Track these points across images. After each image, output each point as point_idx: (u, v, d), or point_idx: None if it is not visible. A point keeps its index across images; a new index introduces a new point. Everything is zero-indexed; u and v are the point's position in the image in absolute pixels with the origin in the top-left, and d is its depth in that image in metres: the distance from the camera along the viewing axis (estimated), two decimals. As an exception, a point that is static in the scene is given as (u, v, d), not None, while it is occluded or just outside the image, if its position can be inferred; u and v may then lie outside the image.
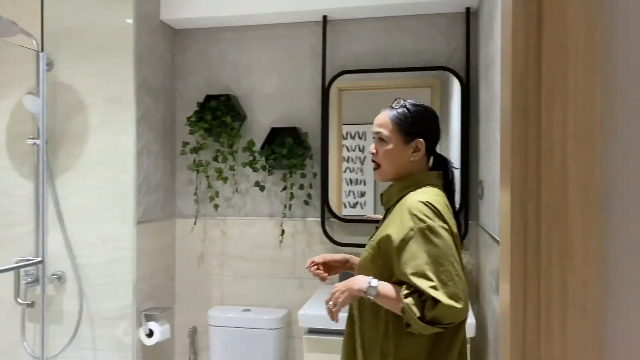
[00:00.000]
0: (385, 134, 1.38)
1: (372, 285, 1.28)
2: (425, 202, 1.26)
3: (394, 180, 1.41)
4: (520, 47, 0.47)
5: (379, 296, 1.27)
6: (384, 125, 1.38)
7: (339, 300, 1.33)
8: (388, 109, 1.40)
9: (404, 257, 1.24)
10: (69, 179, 2.29)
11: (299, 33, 2.48)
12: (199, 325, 2.57)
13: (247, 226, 2.52)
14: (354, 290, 1.31)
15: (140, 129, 2.29)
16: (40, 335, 2.29)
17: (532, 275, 0.49)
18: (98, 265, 2.26)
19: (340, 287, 1.34)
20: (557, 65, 0.47)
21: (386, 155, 1.38)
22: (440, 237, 1.23)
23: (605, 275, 0.48)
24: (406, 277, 1.23)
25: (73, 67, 2.28)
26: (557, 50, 0.47)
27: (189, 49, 2.59)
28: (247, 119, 2.52)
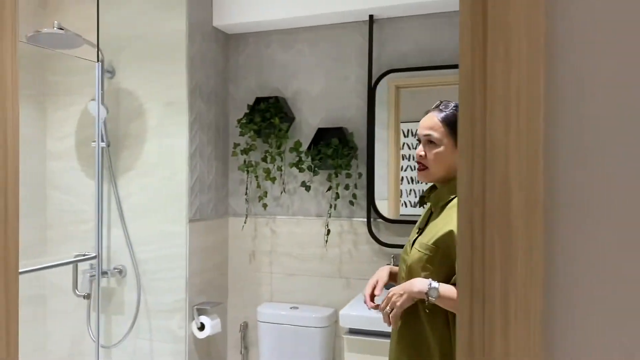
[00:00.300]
0: (436, 137, 1.37)
1: (433, 287, 1.25)
2: None
3: (440, 182, 1.40)
4: (466, 53, 0.46)
5: (440, 297, 1.25)
6: (434, 127, 1.37)
7: (398, 303, 1.30)
8: (435, 111, 1.39)
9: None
10: (130, 179, 2.44)
11: (346, 33, 2.49)
12: (250, 320, 2.65)
13: (295, 225, 2.57)
14: (414, 293, 1.28)
15: (192, 132, 2.39)
16: (104, 325, 2.47)
17: (478, 287, 0.47)
18: (154, 260, 2.40)
19: (397, 291, 1.31)
20: (500, 72, 0.45)
21: (437, 158, 1.37)
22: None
23: (548, 284, 0.45)
24: None
25: (133, 73, 2.43)
26: (501, 57, 0.46)
27: (241, 53, 2.67)
28: (295, 120, 2.56)
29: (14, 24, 0.83)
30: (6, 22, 0.81)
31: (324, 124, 2.51)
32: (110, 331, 2.47)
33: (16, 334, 0.79)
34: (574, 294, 0.45)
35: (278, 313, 2.43)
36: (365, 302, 1.45)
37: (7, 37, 0.81)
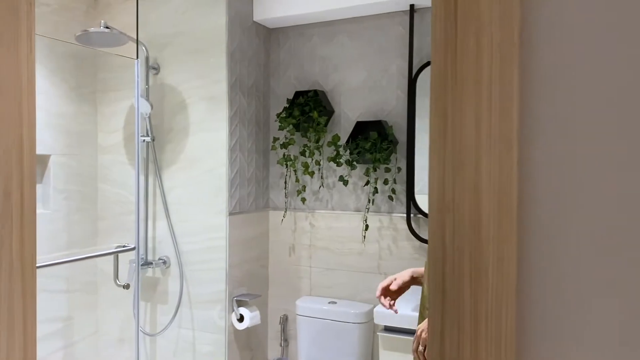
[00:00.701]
0: None
1: None
2: None
3: None
4: (438, 46, 0.43)
5: None
6: None
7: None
8: None
9: None
10: (174, 172, 2.51)
11: (386, 24, 2.43)
12: (290, 313, 2.67)
13: (333, 220, 2.55)
14: None
15: (232, 126, 2.42)
16: (149, 314, 2.57)
17: (451, 301, 0.44)
18: (196, 252, 2.46)
19: (426, 327, 1.24)
20: (471, 66, 0.42)
21: None
22: None
23: (521, 296, 0.42)
24: None
25: (176, 69, 2.49)
26: (471, 50, 0.42)
27: (282, 47, 2.67)
28: (334, 114, 2.54)
29: (30, 23, 0.86)
30: (21, 21, 0.83)
31: (363, 117, 2.47)
32: (155, 320, 2.56)
33: (34, 329, 0.82)
34: (548, 305, 0.41)
35: (317, 307, 2.43)
36: (377, 295, 1.39)
37: (22, 46, 0.83)
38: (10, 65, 0.82)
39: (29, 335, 0.84)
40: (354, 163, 2.40)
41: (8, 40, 0.79)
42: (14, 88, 0.84)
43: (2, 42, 0.79)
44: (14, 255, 0.85)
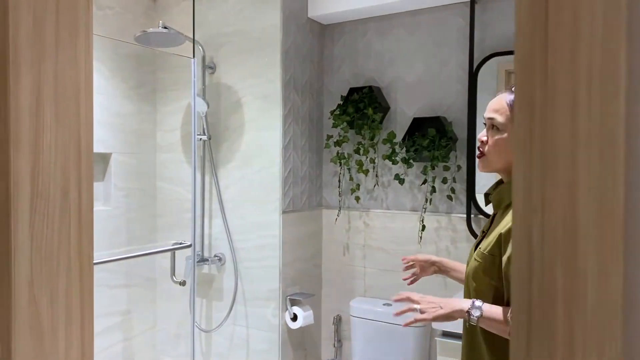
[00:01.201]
0: (500, 121, 1.17)
1: (476, 306, 1.11)
2: None
3: (501, 173, 1.22)
4: (524, 31, 0.37)
5: (483, 318, 1.10)
6: (499, 110, 1.18)
7: (432, 315, 1.16)
8: (506, 92, 1.19)
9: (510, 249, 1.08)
10: (229, 171, 2.53)
11: (445, 16, 2.33)
12: (343, 313, 2.63)
13: (389, 219, 2.48)
14: (455, 311, 1.14)
15: (286, 124, 2.41)
16: (205, 310, 2.60)
17: (539, 327, 0.38)
18: (250, 249, 2.46)
19: (440, 303, 1.18)
20: (565, 50, 0.36)
21: (497, 145, 1.18)
22: None
23: (627, 320, 0.35)
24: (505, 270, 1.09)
25: (231, 68, 2.50)
26: (567, 34, 0.36)
27: (336, 43, 2.63)
28: (390, 110, 2.47)
29: (88, 19, 0.85)
30: (79, 17, 0.83)
31: (420, 114, 2.39)
32: (210, 316, 2.60)
33: (91, 326, 0.82)
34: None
35: (371, 309, 2.38)
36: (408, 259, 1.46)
37: (80, 44, 0.83)
38: (69, 62, 0.82)
39: (86, 331, 0.84)
40: (410, 161, 2.33)
41: (66, 37, 0.79)
42: (72, 86, 0.84)
43: (60, 39, 0.79)
44: (72, 254, 0.85)
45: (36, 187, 0.78)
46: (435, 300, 1.18)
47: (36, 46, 0.77)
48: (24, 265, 0.77)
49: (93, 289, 0.86)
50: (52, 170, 0.80)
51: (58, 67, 0.80)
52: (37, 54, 0.77)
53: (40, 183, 0.78)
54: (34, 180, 0.78)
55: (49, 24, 0.78)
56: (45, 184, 0.79)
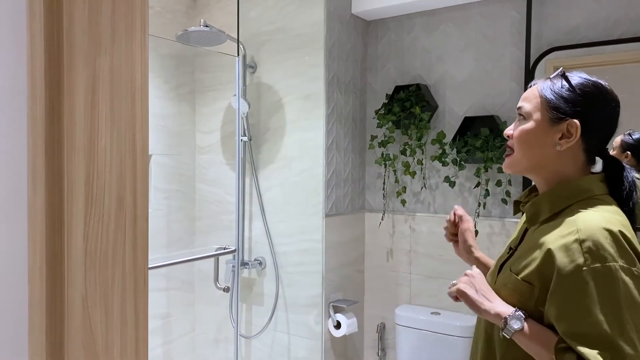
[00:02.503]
0: (527, 109, 0.99)
1: (518, 315, 0.92)
2: (616, 232, 0.85)
3: (527, 174, 1.03)
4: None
5: (522, 333, 0.91)
6: (528, 98, 1.01)
7: (461, 294, 1.00)
8: (542, 81, 1.02)
9: (559, 305, 0.87)
10: (270, 173, 2.46)
11: (498, 9, 2.20)
12: (387, 321, 2.53)
13: (436, 224, 2.36)
14: (488, 311, 0.95)
15: (329, 124, 2.32)
16: (245, 315, 2.54)
17: None
18: (292, 253, 2.39)
19: (473, 296, 0.98)
20: None
21: (521, 137, 0.99)
22: (634, 286, 0.82)
23: None
24: (565, 338, 0.86)
25: (273, 67, 2.43)
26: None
27: (380, 40, 2.53)
28: (438, 109, 2.35)
29: (144, 15, 0.78)
30: (136, 12, 0.76)
31: (471, 112, 2.27)
32: (251, 321, 2.53)
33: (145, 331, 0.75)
34: None
35: (418, 317, 2.27)
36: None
37: (137, 37, 0.76)
38: (125, 57, 0.75)
39: (141, 350, 0.77)
40: (462, 162, 2.21)
41: (122, 29, 0.72)
42: (128, 83, 0.77)
43: (116, 31, 0.72)
44: (127, 267, 0.77)
45: (91, 193, 0.71)
46: (482, 288, 0.99)
47: (92, 39, 0.70)
48: (78, 279, 0.70)
49: (148, 303, 0.78)
50: (107, 174, 0.73)
51: (114, 63, 0.73)
52: (93, 47, 0.70)
53: (95, 189, 0.71)
54: (89, 185, 0.70)
55: (105, 14, 0.71)
56: (100, 190, 0.71)
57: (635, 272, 0.83)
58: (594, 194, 0.94)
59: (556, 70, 1.02)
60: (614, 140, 1.91)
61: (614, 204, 0.94)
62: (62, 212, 0.68)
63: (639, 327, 0.81)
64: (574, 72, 1.00)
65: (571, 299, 0.85)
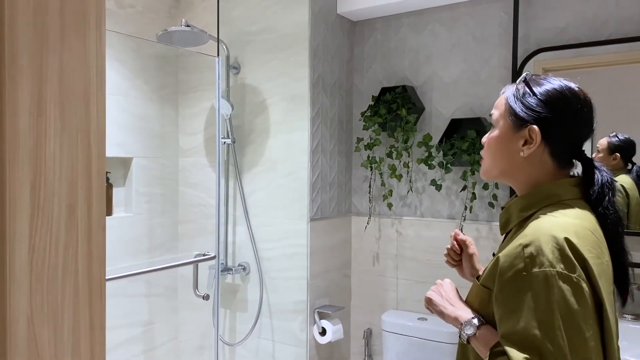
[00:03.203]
0: (495, 116, 1.00)
1: (473, 323, 0.96)
2: (561, 238, 0.83)
3: (501, 180, 1.02)
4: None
5: (475, 338, 0.95)
6: (497, 105, 1.00)
7: (430, 306, 1.08)
8: (510, 87, 1.01)
9: (500, 309, 0.88)
10: (255, 176, 2.41)
11: (486, 10, 2.17)
12: (374, 327, 2.48)
13: (423, 227, 2.32)
14: (451, 318, 1.01)
15: (314, 126, 2.27)
16: (228, 322, 2.48)
17: None
18: (276, 259, 2.33)
19: (437, 300, 1.05)
20: None
21: (489, 144, 1.01)
22: (570, 293, 0.81)
23: None
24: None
25: (257, 68, 2.38)
26: None
27: (367, 40, 2.49)
28: (425, 111, 2.31)
29: (100, 10, 0.73)
30: (89, 18, 0.70)
31: (458, 114, 2.23)
32: (234, 328, 2.47)
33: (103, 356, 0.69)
34: None
35: (405, 323, 2.22)
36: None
37: (91, 34, 0.70)
38: (77, 55, 0.69)
39: (97, 355, 0.71)
40: (448, 165, 2.17)
41: (72, 26, 0.66)
42: (81, 84, 0.71)
43: (66, 28, 0.66)
44: (80, 277, 0.72)
45: (37, 203, 0.65)
46: (436, 300, 1.06)
47: (38, 35, 0.64)
48: (22, 298, 0.65)
49: (105, 318, 0.73)
50: (56, 183, 0.67)
51: (64, 61, 0.67)
52: (39, 44, 0.64)
53: (42, 198, 0.66)
54: (35, 195, 0.65)
55: (53, 8, 0.66)
56: (49, 199, 0.66)
57: (574, 278, 0.82)
58: (562, 199, 0.93)
59: (537, 74, 1.00)
60: (599, 143, 1.88)
61: (584, 208, 0.92)
62: (4, 224, 0.63)
63: (571, 334, 0.80)
64: (542, 76, 0.98)
65: (509, 303, 0.86)
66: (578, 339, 0.80)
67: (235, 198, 2.46)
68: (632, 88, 1.86)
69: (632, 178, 1.85)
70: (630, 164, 1.86)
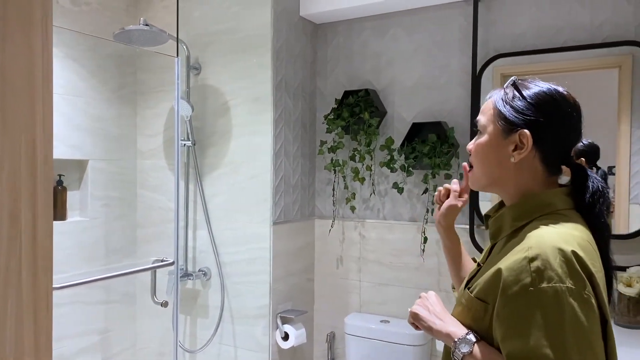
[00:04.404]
0: (482, 122, 0.96)
1: (468, 339, 0.89)
2: (568, 252, 0.80)
3: (490, 190, 0.99)
4: None
5: (471, 356, 0.88)
6: (484, 111, 0.97)
7: (417, 323, 0.99)
8: (498, 90, 0.98)
9: (504, 326, 0.84)
10: (216, 179, 2.36)
11: (446, 16, 2.20)
12: (337, 330, 2.48)
13: (386, 230, 2.34)
14: (442, 334, 0.93)
15: (277, 129, 2.25)
16: (189, 328, 2.43)
17: None
18: (238, 263, 2.30)
19: (425, 315, 0.97)
20: None
21: (477, 151, 0.96)
22: (580, 309, 0.78)
23: None
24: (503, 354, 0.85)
25: (218, 69, 2.34)
26: None
27: (330, 43, 2.49)
28: (387, 115, 2.33)
29: (46, 6, 0.69)
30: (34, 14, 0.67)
31: (419, 118, 2.25)
32: (195, 334, 2.42)
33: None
34: None
35: (367, 326, 2.23)
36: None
37: (36, 31, 0.67)
38: (20, 55, 0.65)
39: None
40: (409, 169, 2.19)
41: (15, 25, 0.63)
42: (24, 85, 0.67)
43: (8, 28, 0.62)
44: (23, 288, 0.68)
45: (-26, 211, 0.61)
46: (423, 315, 0.97)
47: (-26, 30, 0.60)
48: (-43, 313, 0.61)
49: (51, 330, 0.69)
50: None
51: (5, 59, 0.64)
52: (-24, 40, 0.60)
53: (-20, 205, 0.62)
54: (-29, 202, 0.61)
55: (-7, 3, 0.62)
56: (-13, 207, 0.62)
57: (584, 294, 0.79)
58: (557, 209, 0.90)
59: (507, 79, 0.98)
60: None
61: (578, 219, 0.89)
62: (-63, 233, 0.59)
63: (583, 352, 0.78)
64: (529, 80, 0.96)
65: (516, 321, 0.81)
66: (589, 356, 0.78)
67: (196, 201, 2.41)
68: (588, 94, 1.92)
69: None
70: (594, 168, 1.92)
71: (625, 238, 1.86)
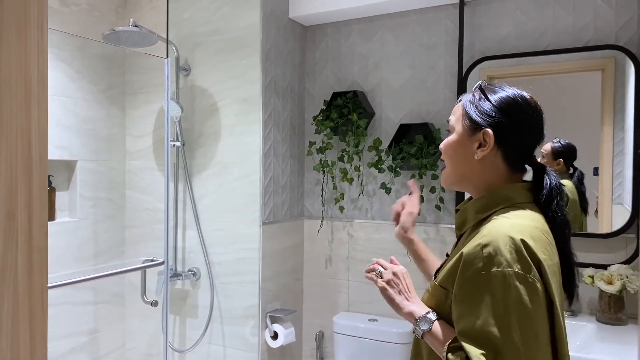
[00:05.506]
0: (452, 122, 1.04)
1: (428, 318, 0.98)
2: (517, 239, 0.87)
3: (460, 188, 1.06)
4: None
5: (430, 334, 0.97)
6: (454, 112, 1.05)
7: (384, 290, 1.08)
8: (468, 94, 1.06)
9: (459, 307, 0.91)
10: (205, 179, 2.37)
11: (433, 19, 2.24)
12: (326, 329, 2.50)
13: (374, 230, 2.37)
14: (406, 312, 1.02)
15: (266, 130, 2.27)
16: (178, 328, 2.43)
17: None
18: (227, 263, 2.31)
19: (392, 293, 1.06)
20: None
21: (445, 148, 1.04)
22: (525, 292, 0.85)
23: None
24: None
25: (208, 70, 2.35)
26: None
27: (318, 45, 2.51)
28: (375, 116, 2.36)
29: (41, 8, 0.70)
30: (30, 17, 0.68)
31: (407, 120, 2.29)
32: (184, 334, 2.43)
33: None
34: None
35: (356, 325, 2.25)
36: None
37: (32, 34, 0.68)
38: (16, 58, 0.67)
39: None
40: (397, 169, 2.22)
41: (12, 28, 0.64)
42: (21, 87, 0.68)
43: (4, 31, 0.64)
44: (19, 286, 0.69)
45: (-28, 210, 0.63)
46: (403, 286, 1.06)
47: (-28, 34, 0.62)
48: (-46, 310, 0.62)
49: (46, 329, 0.70)
50: (-7, 188, 0.65)
51: (2, 60, 0.65)
52: (-26, 43, 0.62)
53: (-22, 204, 0.63)
54: (-31, 201, 0.62)
55: (-11, 8, 0.63)
56: (-16, 206, 0.63)
57: (529, 278, 0.85)
58: (516, 202, 0.97)
59: (492, 81, 1.03)
60: (544, 148, 1.98)
61: (535, 211, 0.96)
62: None
63: (525, 332, 0.84)
64: (497, 84, 1.03)
65: (468, 302, 0.89)
66: (531, 336, 0.84)
67: (185, 202, 2.42)
68: (570, 96, 1.97)
69: (573, 182, 1.96)
70: (572, 169, 1.96)
71: (608, 237, 1.91)
